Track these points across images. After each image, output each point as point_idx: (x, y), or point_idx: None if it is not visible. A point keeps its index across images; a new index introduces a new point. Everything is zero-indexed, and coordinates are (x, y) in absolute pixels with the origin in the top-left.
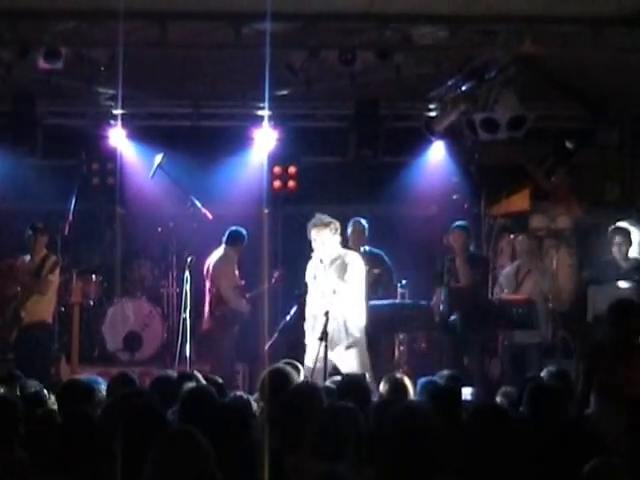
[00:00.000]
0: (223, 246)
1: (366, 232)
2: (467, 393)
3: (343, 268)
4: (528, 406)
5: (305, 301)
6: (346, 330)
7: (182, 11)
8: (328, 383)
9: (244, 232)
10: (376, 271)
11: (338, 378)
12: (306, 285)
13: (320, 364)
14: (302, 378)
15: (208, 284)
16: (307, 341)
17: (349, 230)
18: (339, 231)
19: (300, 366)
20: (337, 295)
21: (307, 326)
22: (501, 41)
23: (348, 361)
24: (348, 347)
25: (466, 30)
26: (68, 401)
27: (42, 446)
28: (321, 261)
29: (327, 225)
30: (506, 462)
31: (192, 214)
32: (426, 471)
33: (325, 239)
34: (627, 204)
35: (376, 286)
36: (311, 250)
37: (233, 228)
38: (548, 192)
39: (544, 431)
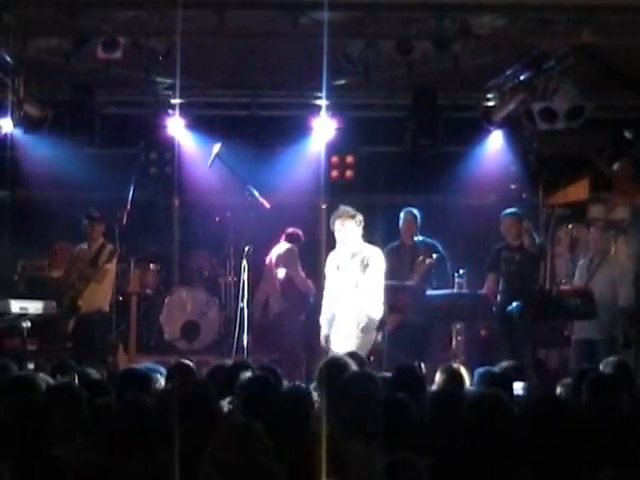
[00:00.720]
0: (283, 242)
1: (418, 222)
2: (518, 388)
3: (365, 262)
4: (587, 396)
5: None
6: (358, 324)
7: (240, 0)
8: (384, 372)
9: (300, 233)
10: (429, 261)
11: None
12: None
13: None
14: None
15: (274, 273)
16: (323, 334)
17: (401, 220)
18: (363, 224)
19: (363, 356)
20: (358, 288)
21: (322, 319)
22: (559, 31)
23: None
24: (353, 338)
25: (524, 19)
26: (126, 389)
27: (102, 434)
28: (344, 252)
29: (352, 217)
30: (563, 452)
31: (250, 204)
32: (482, 461)
33: (350, 230)
34: None
35: (430, 276)
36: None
37: (290, 230)
38: (608, 182)
39: (603, 421)
